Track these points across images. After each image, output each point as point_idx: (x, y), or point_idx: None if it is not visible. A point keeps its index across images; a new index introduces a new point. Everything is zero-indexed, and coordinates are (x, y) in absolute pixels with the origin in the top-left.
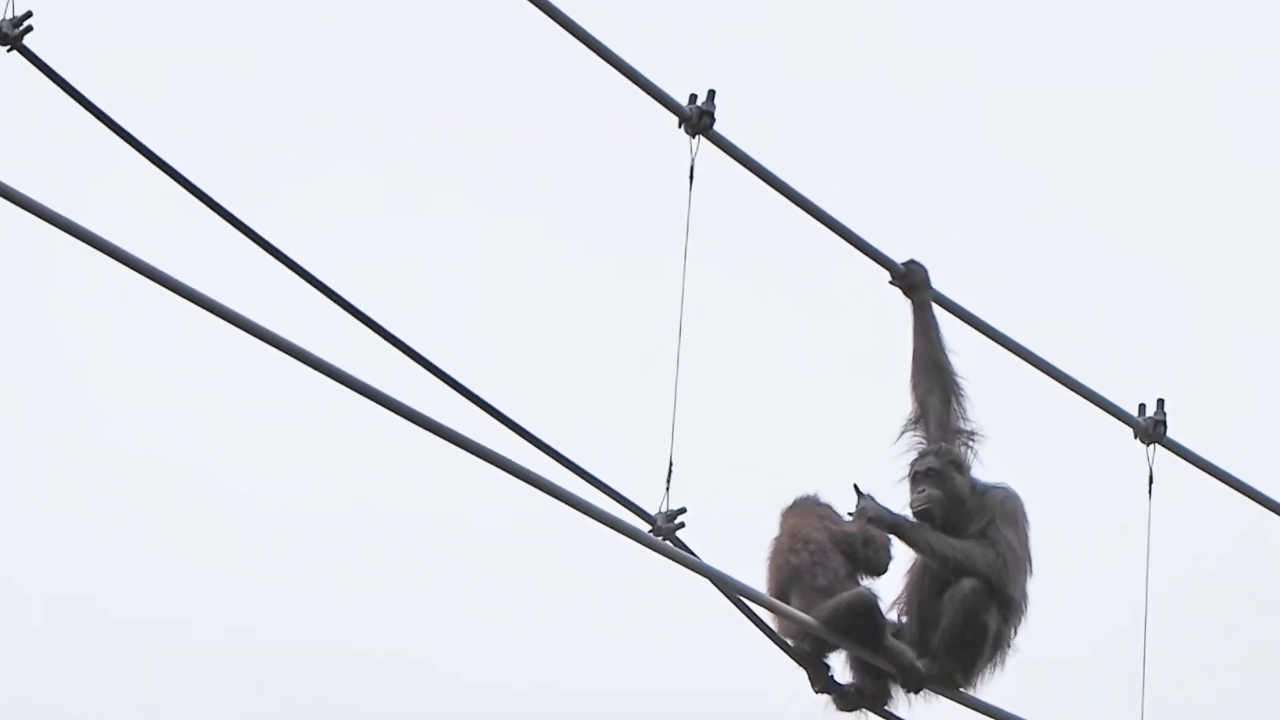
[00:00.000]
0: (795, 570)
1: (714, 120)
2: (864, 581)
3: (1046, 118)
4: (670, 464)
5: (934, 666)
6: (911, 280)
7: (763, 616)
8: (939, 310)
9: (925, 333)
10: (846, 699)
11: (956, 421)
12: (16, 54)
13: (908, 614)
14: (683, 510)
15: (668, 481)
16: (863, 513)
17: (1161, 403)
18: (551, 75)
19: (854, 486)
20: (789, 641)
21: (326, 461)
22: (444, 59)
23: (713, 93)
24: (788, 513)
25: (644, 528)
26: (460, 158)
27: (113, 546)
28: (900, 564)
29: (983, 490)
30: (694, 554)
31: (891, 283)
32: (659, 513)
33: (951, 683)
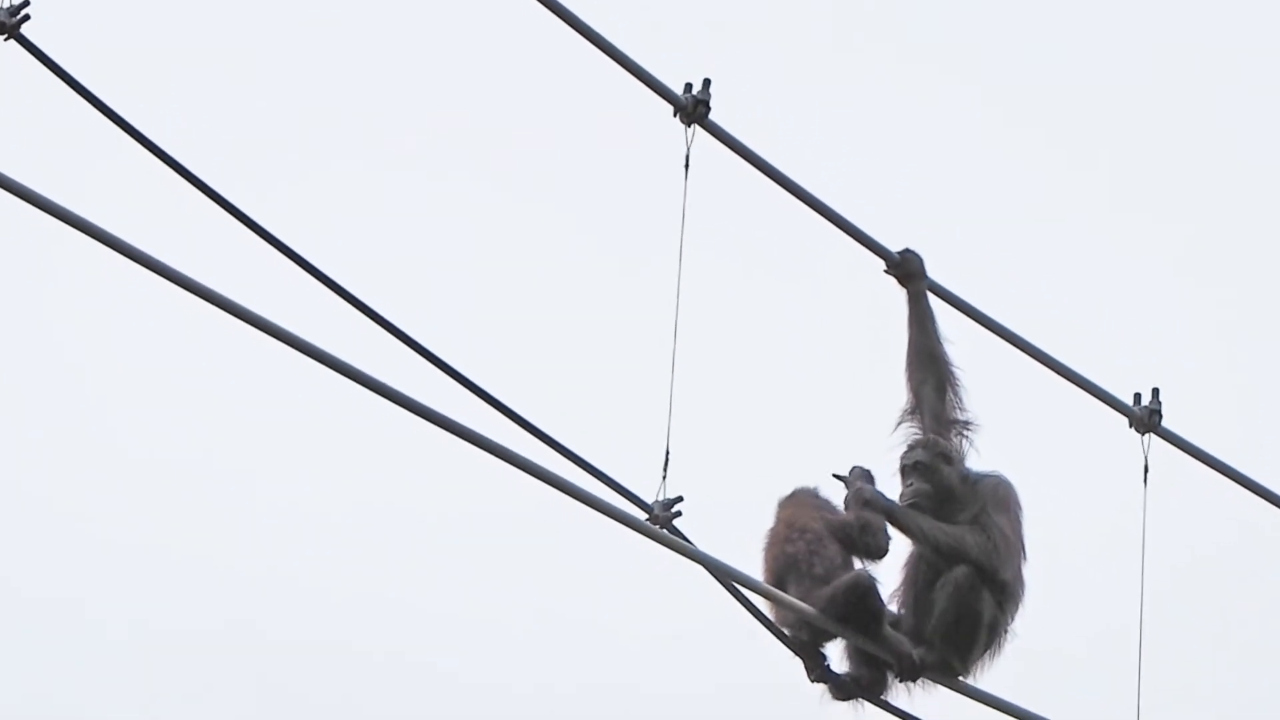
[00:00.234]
0: (792, 559)
1: (709, 109)
2: (862, 568)
3: (1045, 115)
4: (667, 453)
5: (930, 655)
6: (907, 269)
7: (760, 605)
8: (934, 300)
9: (920, 322)
10: (843, 688)
11: (951, 411)
12: (14, 44)
13: (904, 604)
14: (679, 499)
15: (664, 470)
16: (858, 494)
17: (1156, 392)
18: (548, 65)
19: (834, 476)
20: (786, 630)
21: (325, 456)
22: (439, 47)
23: (708, 81)
24: (784, 503)
25: (641, 516)
26: (455, 146)
27: (113, 543)
28: (897, 554)
29: (975, 479)
30: (691, 542)
31: (887, 272)
32: (656, 501)
33: (948, 671)
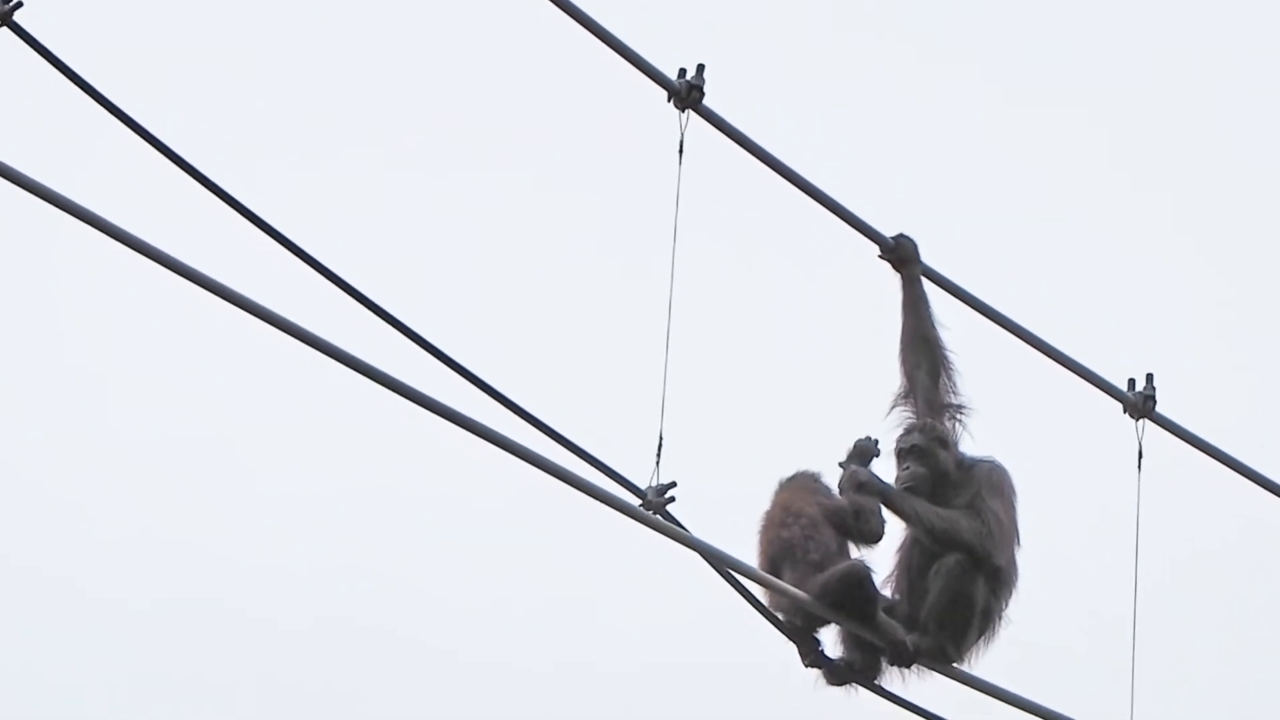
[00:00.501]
0: (787, 544)
1: (703, 94)
2: (857, 553)
3: (1044, 110)
4: (660, 438)
5: (924, 641)
6: (901, 254)
7: (754, 591)
8: (928, 285)
9: (914, 307)
10: (837, 673)
11: (945, 396)
12: (7, 31)
13: (899, 590)
14: (673, 484)
15: (658, 456)
16: (852, 477)
17: (1151, 377)
18: (544, 52)
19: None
20: (780, 616)
21: (325, 443)
22: (436, 38)
23: (701, 67)
24: (780, 488)
25: (635, 502)
26: (454, 131)
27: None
28: (892, 539)
29: (969, 464)
30: (684, 528)
31: (881, 257)
32: (649, 487)
33: (942, 657)
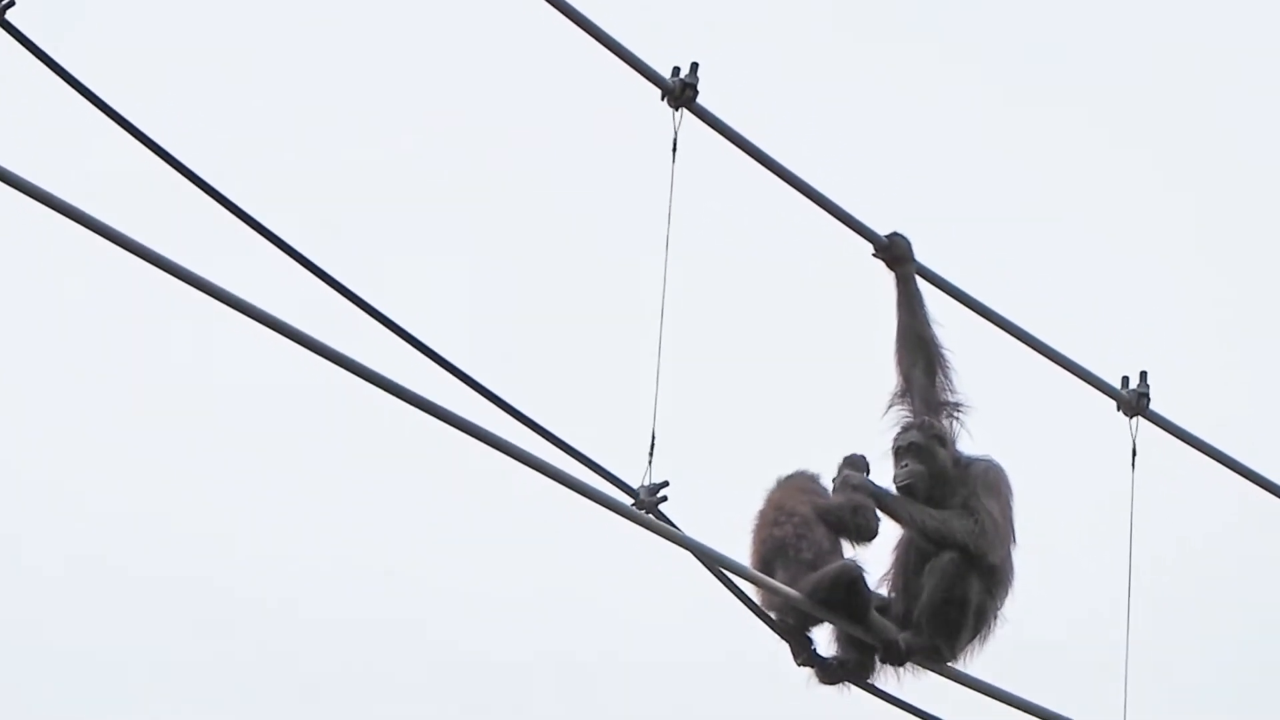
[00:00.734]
0: (779, 543)
1: (696, 93)
2: (852, 552)
3: (1042, 110)
4: (653, 438)
5: (917, 640)
6: (895, 253)
7: (747, 590)
8: (922, 284)
9: (909, 306)
10: (829, 672)
11: (941, 394)
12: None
13: (895, 589)
14: (665, 484)
15: (650, 455)
16: (845, 482)
17: (1145, 375)
18: (538, 51)
19: (832, 481)
20: (773, 614)
21: (326, 444)
22: (431, 38)
23: (695, 65)
24: (775, 486)
25: (628, 501)
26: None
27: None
28: (887, 538)
29: (966, 463)
30: (676, 527)
31: (875, 255)
32: (642, 486)
33: (936, 655)
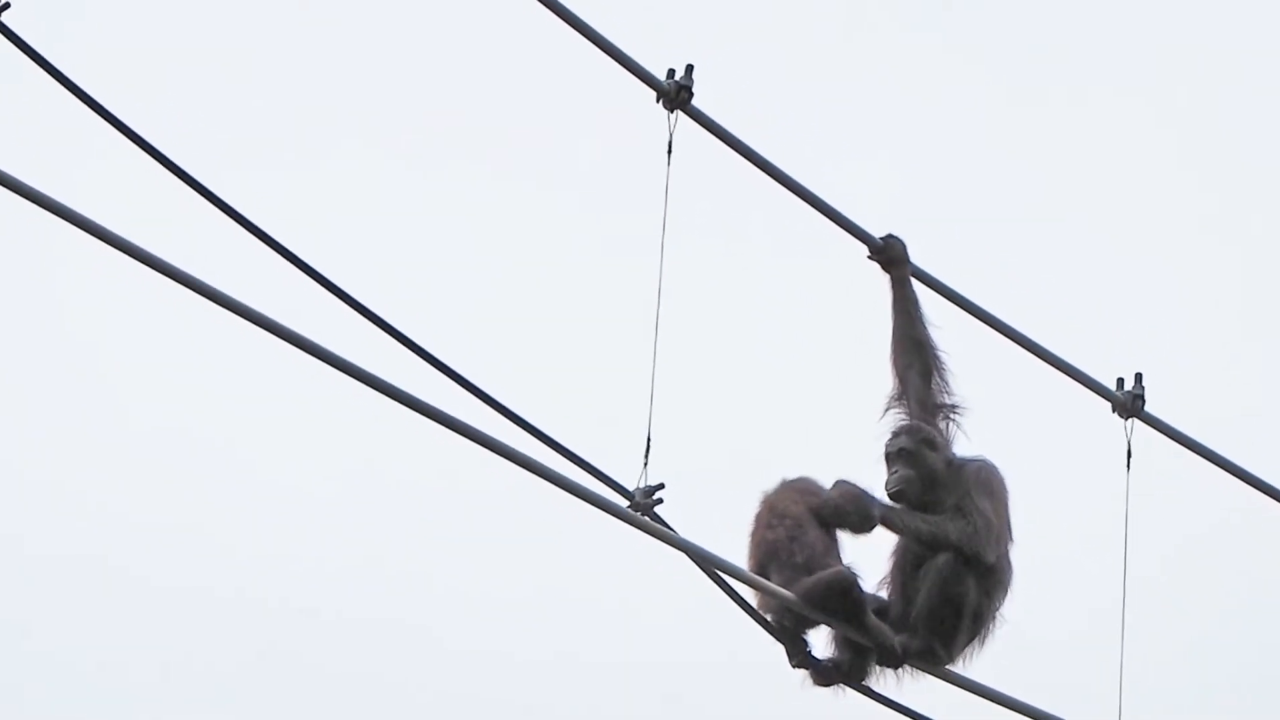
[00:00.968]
0: (773, 546)
1: (692, 95)
2: (851, 547)
3: (1041, 111)
4: (648, 440)
5: (913, 642)
6: (890, 255)
7: (742, 592)
8: (917, 285)
9: (904, 308)
10: (825, 674)
11: (938, 396)
12: None
13: (892, 591)
14: (661, 486)
15: (646, 457)
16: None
17: (1140, 377)
18: (533, 50)
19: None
20: (768, 617)
21: (324, 444)
22: (429, 39)
23: (690, 67)
24: (771, 490)
25: (623, 503)
26: (442, 134)
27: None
28: (884, 542)
29: (959, 464)
30: (672, 529)
31: (870, 257)
32: (637, 488)
33: (932, 658)
